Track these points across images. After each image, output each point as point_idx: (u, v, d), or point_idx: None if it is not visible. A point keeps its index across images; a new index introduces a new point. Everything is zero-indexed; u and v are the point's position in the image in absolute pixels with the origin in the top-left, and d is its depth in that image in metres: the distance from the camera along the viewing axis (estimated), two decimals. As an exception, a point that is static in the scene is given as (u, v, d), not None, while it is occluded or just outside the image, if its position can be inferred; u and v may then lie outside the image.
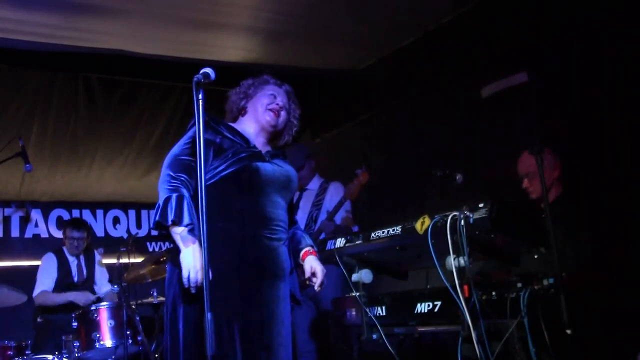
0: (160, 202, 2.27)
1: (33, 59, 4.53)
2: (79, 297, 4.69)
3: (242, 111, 2.60)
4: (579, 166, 3.46)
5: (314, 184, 4.29)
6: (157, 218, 2.26)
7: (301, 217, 4.15)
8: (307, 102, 5.78)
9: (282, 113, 2.57)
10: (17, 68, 4.67)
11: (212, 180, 2.36)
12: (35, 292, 4.72)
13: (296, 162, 4.30)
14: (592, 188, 3.41)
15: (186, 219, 2.23)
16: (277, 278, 2.42)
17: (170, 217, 2.22)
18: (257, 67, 4.69)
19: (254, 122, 2.56)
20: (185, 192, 2.30)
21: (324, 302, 3.84)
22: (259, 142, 2.54)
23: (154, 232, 2.34)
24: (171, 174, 2.33)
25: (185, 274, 2.22)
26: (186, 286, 2.24)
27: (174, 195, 2.26)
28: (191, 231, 2.24)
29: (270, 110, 2.54)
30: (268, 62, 4.86)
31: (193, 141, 2.35)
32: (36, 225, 6.33)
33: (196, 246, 2.24)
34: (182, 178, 2.33)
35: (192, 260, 2.22)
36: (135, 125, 5.50)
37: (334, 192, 4.12)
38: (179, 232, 2.25)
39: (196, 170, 2.29)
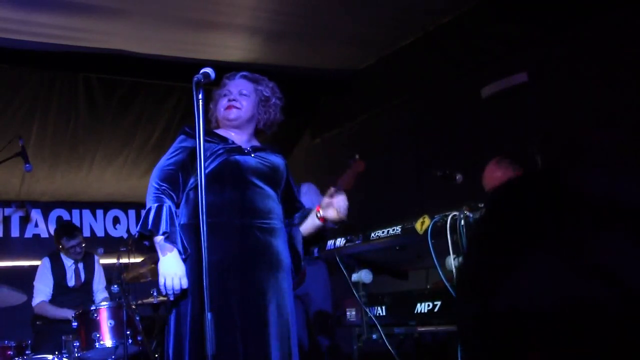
0: (143, 213, 2.35)
1: (33, 59, 4.52)
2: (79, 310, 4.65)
3: (217, 123, 2.64)
4: (579, 166, 3.46)
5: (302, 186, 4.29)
6: (138, 229, 2.35)
7: None
8: (307, 102, 5.82)
9: (238, 102, 2.55)
10: (17, 68, 4.67)
11: (195, 182, 2.42)
12: (35, 302, 4.69)
13: None
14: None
15: (163, 228, 2.29)
16: (273, 268, 2.42)
17: (149, 226, 2.30)
18: (257, 67, 4.71)
19: (223, 126, 2.60)
20: (167, 201, 2.36)
21: (314, 301, 3.84)
22: (241, 140, 2.56)
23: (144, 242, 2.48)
24: (154, 185, 2.40)
25: (161, 281, 2.29)
26: (163, 293, 2.31)
27: (155, 206, 2.33)
28: (168, 239, 2.30)
29: (226, 108, 2.55)
30: (268, 62, 4.86)
31: (178, 150, 2.46)
32: (36, 225, 6.32)
33: (173, 254, 2.31)
34: (163, 187, 2.38)
35: (167, 267, 2.29)
36: (135, 125, 5.50)
37: (308, 192, 4.10)
38: (157, 241, 2.32)
39: (179, 180, 2.41)
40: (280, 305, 2.41)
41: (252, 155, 2.51)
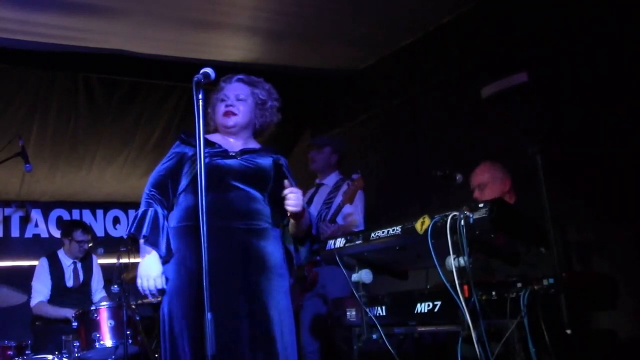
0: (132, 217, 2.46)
1: (33, 59, 4.53)
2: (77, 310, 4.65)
3: (215, 126, 2.67)
4: (578, 166, 3.46)
5: (331, 179, 4.19)
6: (125, 232, 2.47)
7: (312, 213, 4.08)
8: (307, 102, 5.82)
9: (235, 108, 2.57)
10: (17, 68, 4.67)
11: (184, 186, 2.50)
12: (33, 302, 4.68)
13: (318, 141, 4.29)
14: (593, 187, 3.41)
15: (143, 231, 2.38)
16: (260, 268, 2.42)
17: (132, 230, 2.40)
18: (257, 67, 4.72)
19: (221, 132, 2.64)
20: (154, 205, 2.45)
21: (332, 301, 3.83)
22: (236, 144, 2.58)
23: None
24: (146, 191, 2.51)
25: (139, 282, 2.38)
26: (142, 293, 2.40)
27: (141, 211, 2.44)
28: (147, 242, 2.39)
29: (223, 115, 2.58)
30: (268, 62, 4.86)
31: (170, 156, 2.56)
32: (36, 225, 6.32)
33: (151, 256, 2.39)
34: (152, 193, 2.49)
35: (144, 269, 2.38)
36: (135, 125, 5.50)
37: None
38: (140, 244, 2.41)
39: (168, 186, 2.50)
40: (269, 305, 2.39)
41: (238, 158, 2.52)
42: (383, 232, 2.64)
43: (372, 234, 2.70)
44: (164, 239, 2.40)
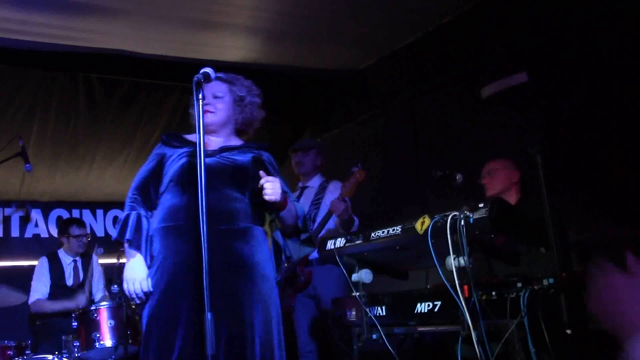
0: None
1: (33, 59, 4.53)
2: (77, 302, 4.65)
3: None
4: (578, 166, 3.46)
5: (315, 182, 4.23)
6: (113, 238, 2.50)
7: (300, 207, 4.09)
8: (307, 102, 5.82)
9: (212, 106, 2.54)
10: (17, 68, 4.67)
11: (164, 187, 2.50)
12: (31, 300, 4.68)
13: (304, 144, 4.31)
14: (593, 187, 3.41)
15: (127, 235, 2.41)
16: (238, 269, 2.39)
17: (116, 234, 2.44)
18: (257, 67, 4.73)
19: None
20: (137, 208, 2.48)
21: (324, 302, 3.83)
22: (215, 142, 2.57)
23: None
24: (129, 194, 2.52)
25: (124, 285, 2.38)
26: (129, 297, 2.40)
27: (124, 215, 2.46)
28: (131, 245, 2.41)
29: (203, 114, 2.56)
30: (268, 62, 4.86)
31: (151, 158, 2.58)
32: (36, 225, 6.32)
33: (136, 259, 2.41)
34: (135, 196, 2.51)
35: (129, 272, 2.39)
36: (135, 125, 5.50)
37: (334, 191, 4.04)
38: (125, 247, 2.44)
39: (149, 188, 2.51)
40: (250, 307, 2.36)
41: (216, 156, 2.50)
42: (383, 232, 2.64)
43: (372, 234, 2.70)
44: (144, 242, 2.43)
